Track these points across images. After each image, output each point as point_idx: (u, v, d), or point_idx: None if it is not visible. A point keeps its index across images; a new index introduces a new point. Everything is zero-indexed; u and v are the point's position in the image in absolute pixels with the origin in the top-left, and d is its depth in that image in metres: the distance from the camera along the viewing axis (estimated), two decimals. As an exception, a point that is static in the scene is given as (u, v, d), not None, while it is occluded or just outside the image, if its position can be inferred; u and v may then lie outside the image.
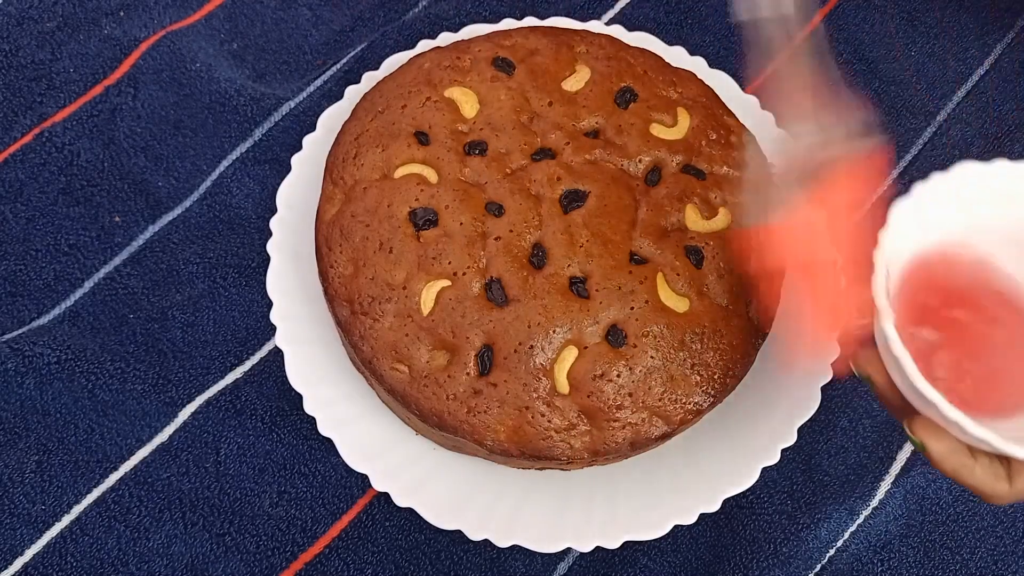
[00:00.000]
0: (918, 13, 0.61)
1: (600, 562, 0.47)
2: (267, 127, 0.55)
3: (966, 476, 0.33)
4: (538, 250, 0.44)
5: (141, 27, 0.58)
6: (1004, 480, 0.33)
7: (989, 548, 0.48)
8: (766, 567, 0.47)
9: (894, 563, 0.48)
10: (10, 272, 0.52)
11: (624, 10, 0.60)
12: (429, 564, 0.47)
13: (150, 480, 0.48)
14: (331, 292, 0.44)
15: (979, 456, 0.33)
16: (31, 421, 0.48)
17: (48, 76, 0.56)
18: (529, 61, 0.49)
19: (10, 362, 0.48)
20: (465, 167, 0.46)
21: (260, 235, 0.53)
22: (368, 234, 0.44)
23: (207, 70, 0.56)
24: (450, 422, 0.42)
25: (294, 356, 0.47)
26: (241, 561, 0.47)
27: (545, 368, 0.42)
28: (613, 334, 0.43)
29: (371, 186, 0.45)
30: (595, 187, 0.45)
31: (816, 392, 0.46)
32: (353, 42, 0.59)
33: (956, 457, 0.33)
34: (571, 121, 0.47)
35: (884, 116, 0.58)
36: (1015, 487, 0.33)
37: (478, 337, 0.43)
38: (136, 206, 0.53)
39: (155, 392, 0.49)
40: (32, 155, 0.54)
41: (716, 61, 0.55)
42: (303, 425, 0.49)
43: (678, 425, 0.43)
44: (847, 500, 0.48)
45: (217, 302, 0.51)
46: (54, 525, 0.47)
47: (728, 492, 0.45)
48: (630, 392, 0.42)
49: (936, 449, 0.33)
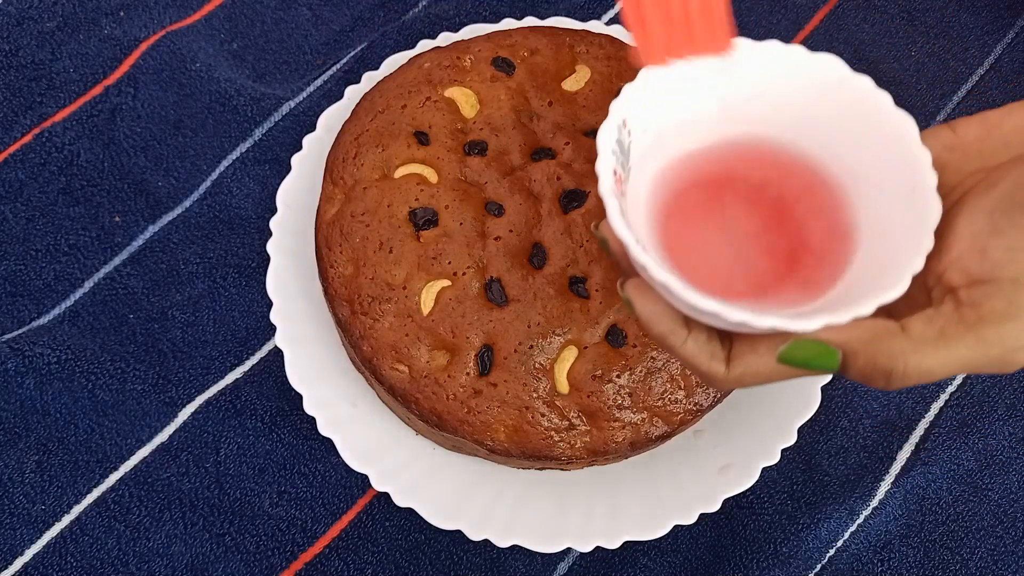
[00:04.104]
0: (918, 13, 0.61)
1: (600, 562, 0.47)
2: (267, 127, 0.55)
3: (676, 345, 0.31)
4: (538, 250, 0.44)
5: (141, 27, 0.58)
6: (721, 362, 0.31)
7: (989, 548, 0.48)
8: (766, 567, 0.47)
9: (894, 563, 0.48)
10: (10, 272, 0.52)
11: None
12: (429, 564, 0.47)
13: (150, 480, 0.48)
14: (331, 292, 0.44)
15: (694, 329, 0.31)
16: (31, 421, 0.48)
17: (48, 76, 0.56)
18: (529, 61, 0.49)
19: (10, 362, 0.48)
20: (465, 167, 0.46)
21: (260, 235, 0.53)
22: (368, 234, 0.44)
23: (207, 70, 0.56)
24: (450, 422, 0.42)
25: (294, 356, 0.47)
26: (241, 561, 0.47)
27: (545, 368, 0.42)
28: (613, 334, 0.43)
29: (371, 186, 0.45)
30: (595, 187, 0.45)
31: (816, 392, 0.46)
32: (353, 42, 0.59)
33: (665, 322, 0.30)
34: (571, 121, 0.47)
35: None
36: (733, 371, 0.30)
37: (478, 337, 0.43)
38: (136, 206, 0.53)
39: (155, 392, 0.49)
40: (32, 155, 0.54)
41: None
42: (303, 425, 0.49)
43: (678, 425, 0.43)
44: (847, 500, 0.48)
45: (217, 302, 0.51)
46: (54, 525, 0.47)
47: (728, 492, 0.45)
48: (630, 392, 0.42)
49: (643, 309, 0.31)
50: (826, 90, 0.33)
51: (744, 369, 0.30)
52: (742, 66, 0.33)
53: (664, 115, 0.33)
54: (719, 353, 0.31)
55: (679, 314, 0.31)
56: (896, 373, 0.28)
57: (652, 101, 0.32)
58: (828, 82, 0.33)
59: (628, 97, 0.31)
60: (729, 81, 0.33)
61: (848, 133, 0.33)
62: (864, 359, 0.29)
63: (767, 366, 0.30)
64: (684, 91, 0.33)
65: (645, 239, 0.31)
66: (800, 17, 0.60)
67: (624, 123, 0.31)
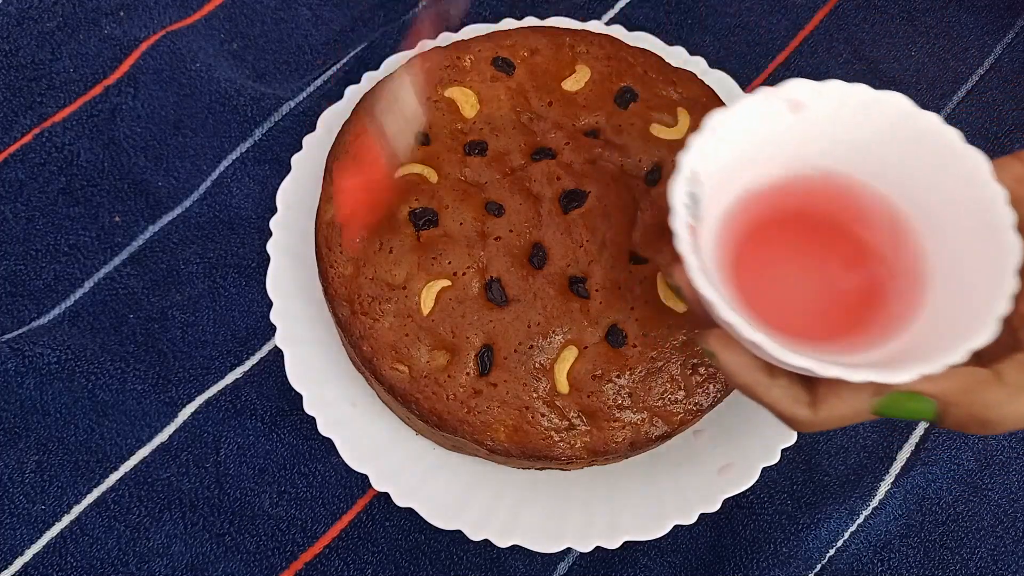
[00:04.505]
0: (918, 13, 0.61)
1: (600, 562, 0.47)
2: (267, 127, 0.55)
3: (761, 394, 0.31)
4: (538, 250, 0.44)
5: (141, 27, 0.58)
6: (805, 406, 0.31)
7: (989, 548, 0.48)
8: (766, 567, 0.47)
9: (894, 563, 0.48)
10: (10, 272, 0.52)
11: (624, 10, 0.60)
12: (429, 564, 0.47)
13: (150, 480, 0.48)
14: (331, 292, 0.44)
15: (777, 376, 0.31)
16: (31, 421, 0.48)
17: (48, 76, 0.56)
18: (529, 61, 0.49)
19: (10, 362, 0.48)
20: (465, 167, 0.46)
21: (260, 235, 0.53)
22: (368, 234, 0.44)
23: (207, 70, 0.56)
24: (450, 422, 0.42)
25: (294, 356, 0.47)
26: (241, 561, 0.47)
27: (545, 368, 0.42)
28: (613, 334, 0.43)
29: (371, 186, 0.45)
30: (595, 187, 0.45)
31: (816, 392, 0.46)
32: (353, 42, 0.59)
33: (749, 372, 0.31)
34: (571, 121, 0.47)
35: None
36: (819, 414, 0.30)
37: (478, 337, 0.43)
38: (136, 206, 0.53)
39: (155, 392, 0.49)
40: (32, 155, 0.54)
41: (716, 61, 0.55)
42: (303, 425, 0.49)
43: (678, 425, 0.43)
44: (847, 500, 0.48)
45: (217, 302, 0.51)
46: (54, 525, 0.47)
47: (728, 492, 0.45)
48: (630, 392, 0.42)
49: (727, 360, 0.31)
50: (892, 127, 0.33)
51: (829, 413, 0.30)
52: (806, 107, 0.33)
53: (730, 159, 0.33)
54: (803, 397, 0.31)
55: (762, 362, 0.31)
56: (993, 422, 0.28)
57: (718, 147, 0.32)
58: (894, 119, 0.32)
59: (696, 148, 0.31)
60: (794, 122, 0.33)
61: (917, 171, 0.32)
62: (961, 409, 0.28)
63: (852, 409, 0.30)
64: (749, 134, 0.33)
65: (715, 279, 0.31)
66: (800, 17, 0.60)
67: (694, 174, 0.31)
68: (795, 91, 0.33)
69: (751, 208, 0.34)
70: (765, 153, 0.34)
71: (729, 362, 0.31)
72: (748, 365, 0.31)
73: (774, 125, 0.33)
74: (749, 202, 0.34)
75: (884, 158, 0.33)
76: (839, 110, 0.33)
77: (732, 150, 0.33)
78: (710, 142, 0.32)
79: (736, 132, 0.32)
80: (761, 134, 0.33)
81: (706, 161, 0.32)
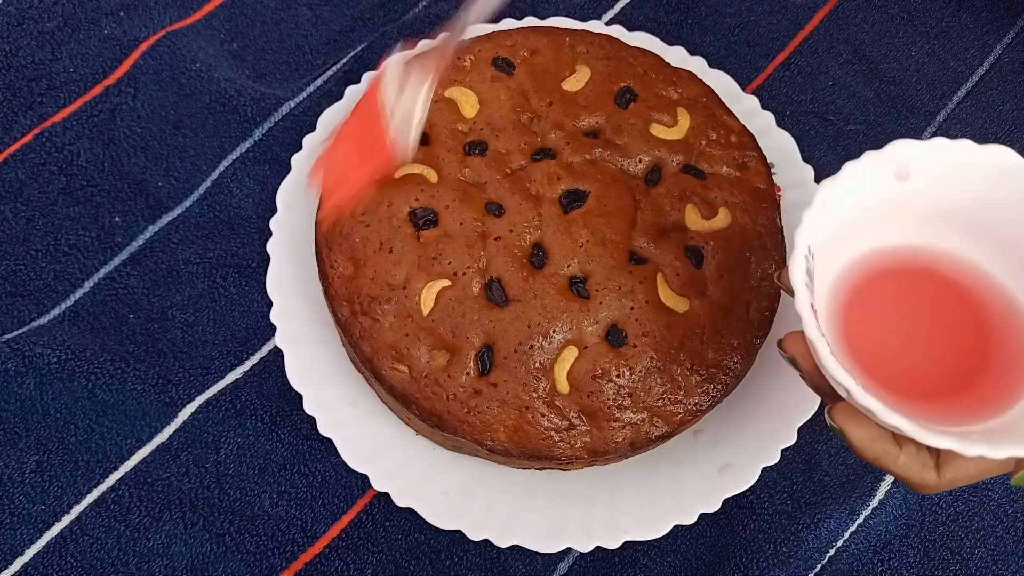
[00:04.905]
0: (918, 13, 0.61)
1: (600, 562, 0.47)
2: (267, 127, 0.55)
3: (890, 464, 0.32)
4: (538, 250, 0.44)
5: (141, 27, 0.58)
6: (932, 469, 0.32)
7: (989, 548, 0.48)
8: (766, 567, 0.47)
9: (894, 563, 0.48)
10: (10, 272, 0.52)
11: (624, 10, 0.60)
12: (429, 564, 0.47)
13: (150, 480, 0.48)
14: (331, 292, 0.44)
15: (904, 444, 0.32)
16: (31, 421, 0.48)
17: (48, 76, 0.56)
18: (529, 61, 0.49)
19: (10, 362, 0.48)
20: (465, 167, 0.46)
21: (260, 235, 0.53)
22: (368, 234, 0.44)
23: (207, 70, 0.56)
24: (450, 422, 0.42)
25: (294, 356, 0.47)
26: (241, 561, 0.47)
27: (545, 368, 0.42)
28: (613, 334, 0.43)
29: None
30: (595, 187, 0.45)
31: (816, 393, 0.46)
32: (353, 42, 0.59)
33: (879, 444, 0.31)
34: (571, 121, 0.47)
35: (884, 116, 0.58)
36: (944, 477, 0.32)
37: (478, 337, 0.43)
38: (136, 206, 0.53)
39: (155, 392, 0.49)
40: (32, 155, 0.54)
41: (716, 61, 0.55)
42: (303, 425, 0.49)
43: (678, 425, 0.43)
44: (847, 500, 0.48)
45: (217, 302, 0.51)
46: (54, 525, 0.47)
47: (728, 492, 0.45)
48: (630, 392, 0.42)
49: (856, 435, 0.31)
50: (999, 181, 0.33)
51: (955, 475, 0.32)
52: (911, 175, 0.33)
53: (838, 227, 0.33)
54: (929, 462, 0.32)
55: (889, 433, 0.31)
56: None
57: (829, 217, 0.32)
58: (1000, 172, 0.32)
59: (809, 222, 0.31)
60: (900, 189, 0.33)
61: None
62: None
63: (977, 468, 0.31)
64: (856, 201, 0.33)
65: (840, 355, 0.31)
66: (800, 17, 0.60)
67: (809, 250, 0.31)
68: (900, 153, 0.33)
69: (856, 272, 0.34)
70: (870, 219, 0.34)
71: (859, 438, 0.31)
72: (877, 438, 0.31)
73: (880, 191, 0.33)
74: (854, 266, 0.34)
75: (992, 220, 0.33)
76: (944, 173, 0.33)
77: (839, 219, 0.33)
78: (821, 214, 0.32)
79: (843, 201, 0.32)
80: (867, 201, 0.33)
81: (817, 233, 0.32)
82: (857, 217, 0.33)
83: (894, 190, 0.33)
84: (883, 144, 0.32)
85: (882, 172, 0.33)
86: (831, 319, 0.33)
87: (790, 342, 0.33)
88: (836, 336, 0.33)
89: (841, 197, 0.32)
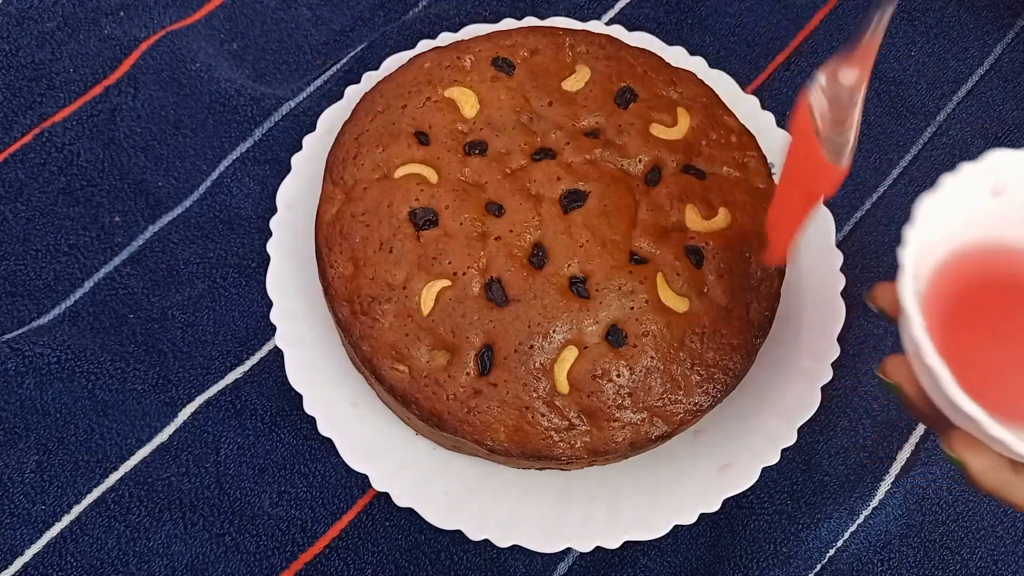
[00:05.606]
0: (918, 13, 0.61)
1: (600, 562, 0.47)
2: (267, 127, 0.55)
3: (1008, 493, 0.31)
4: (538, 250, 0.44)
5: (141, 27, 0.58)
6: None
7: (989, 548, 0.48)
8: (766, 567, 0.47)
9: (894, 563, 0.48)
10: (10, 272, 0.52)
11: (624, 10, 0.60)
12: (429, 564, 0.47)
13: (150, 480, 0.48)
14: (331, 292, 0.44)
15: (1021, 471, 0.31)
16: (31, 421, 0.48)
17: (48, 76, 0.56)
18: (529, 61, 0.49)
19: (10, 362, 0.48)
20: (465, 167, 0.46)
21: (260, 235, 0.53)
22: (368, 234, 0.44)
23: (207, 70, 0.56)
24: (450, 422, 0.42)
25: (294, 356, 0.47)
26: (241, 561, 0.47)
27: (545, 368, 0.42)
28: (613, 334, 0.43)
29: (371, 186, 0.45)
30: (595, 187, 0.45)
31: (816, 392, 0.46)
32: (353, 42, 0.59)
33: (998, 474, 0.30)
34: (571, 121, 0.47)
35: (884, 116, 0.58)
36: None
37: (478, 337, 0.43)
38: (136, 206, 0.53)
39: (155, 392, 0.49)
40: (32, 155, 0.54)
41: (716, 61, 0.55)
42: (303, 425, 0.49)
43: (678, 425, 0.43)
44: (847, 500, 0.48)
45: (217, 302, 0.51)
46: (54, 525, 0.47)
47: (728, 492, 0.45)
48: (630, 392, 0.42)
49: (977, 466, 0.30)
50: None
51: None
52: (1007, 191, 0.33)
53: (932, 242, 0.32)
54: None
55: (1007, 460, 0.31)
56: None
57: (926, 232, 0.32)
58: None
59: (913, 242, 0.31)
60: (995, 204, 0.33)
61: None
62: None
63: None
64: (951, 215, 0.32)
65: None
66: (800, 17, 0.60)
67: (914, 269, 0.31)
68: (996, 166, 0.32)
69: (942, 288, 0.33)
70: (964, 234, 0.33)
71: (980, 467, 0.31)
72: (997, 467, 0.31)
73: (975, 206, 0.33)
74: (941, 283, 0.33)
75: None
76: None
77: (935, 234, 0.32)
78: (923, 232, 0.31)
79: (939, 215, 0.32)
80: (962, 215, 0.33)
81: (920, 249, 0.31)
82: (949, 234, 0.33)
83: (987, 203, 0.33)
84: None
85: (978, 188, 0.32)
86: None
87: (893, 367, 0.32)
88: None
89: (937, 213, 0.32)
